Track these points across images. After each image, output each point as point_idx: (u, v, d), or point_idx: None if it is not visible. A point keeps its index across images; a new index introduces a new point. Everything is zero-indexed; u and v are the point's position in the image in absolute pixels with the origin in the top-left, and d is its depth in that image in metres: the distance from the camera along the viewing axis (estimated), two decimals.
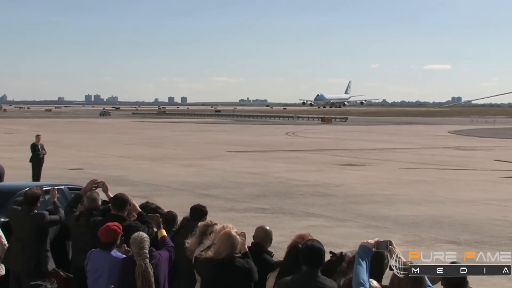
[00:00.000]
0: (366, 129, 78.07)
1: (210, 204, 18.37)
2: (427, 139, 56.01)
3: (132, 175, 26.35)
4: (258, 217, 16.63)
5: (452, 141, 54.10)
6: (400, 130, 77.31)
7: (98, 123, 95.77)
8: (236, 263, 6.10)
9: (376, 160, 34.35)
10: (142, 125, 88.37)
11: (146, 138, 54.69)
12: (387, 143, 49.37)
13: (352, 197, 20.75)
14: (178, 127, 79.51)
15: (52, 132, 60.16)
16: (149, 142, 48.27)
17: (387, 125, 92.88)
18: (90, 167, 29.33)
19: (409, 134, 65.98)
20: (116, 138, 54.00)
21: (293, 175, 26.96)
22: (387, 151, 41.14)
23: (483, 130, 78.03)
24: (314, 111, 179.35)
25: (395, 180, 25.69)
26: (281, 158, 35.22)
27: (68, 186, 10.69)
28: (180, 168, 29.81)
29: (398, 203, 19.62)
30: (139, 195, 18.33)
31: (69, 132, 65.22)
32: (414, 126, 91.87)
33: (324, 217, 17.03)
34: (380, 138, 58.04)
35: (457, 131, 74.40)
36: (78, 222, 7.95)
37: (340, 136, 60.88)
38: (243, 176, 26.34)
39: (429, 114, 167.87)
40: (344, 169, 29.98)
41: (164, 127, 79.34)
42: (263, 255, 6.56)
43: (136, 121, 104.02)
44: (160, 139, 53.25)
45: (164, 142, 49.33)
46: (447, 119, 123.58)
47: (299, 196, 20.89)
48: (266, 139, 55.21)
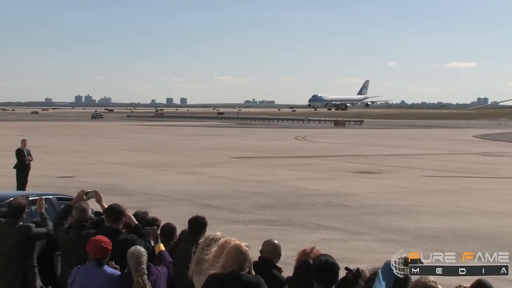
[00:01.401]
0: (383, 133, 77.99)
1: (212, 216, 18.45)
2: (450, 144, 55.92)
3: (127, 184, 26.36)
4: (265, 230, 16.61)
5: (478, 146, 53.99)
6: (421, 134, 77.20)
7: (90, 126, 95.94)
8: (243, 278, 6.08)
9: (394, 167, 34.29)
10: (138, 128, 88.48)
11: (142, 143, 54.75)
12: (406, 149, 49.28)
13: (368, 208, 20.70)
14: (177, 131, 79.59)
15: (39, 137, 60.30)
16: (145, 148, 48.32)
17: (406, 129, 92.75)
18: (81, 175, 29.36)
19: (430, 139, 65.86)
20: (109, 143, 54.07)
21: (303, 183, 26.93)
22: (406, 157, 41.06)
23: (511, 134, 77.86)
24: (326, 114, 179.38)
25: (415, 189, 25.64)
26: (290, 165, 35.20)
27: (56, 196, 10.69)
28: (179, 176, 29.82)
29: (419, 215, 19.57)
30: (135, 205, 18.32)
31: (57, 136, 65.35)
32: (435, 129, 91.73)
33: (337, 230, 17.00)
34: (398, 143, 57.95)
35: (483, 135, 74.25)
36: (68, 236, 7.92)
37: (355, 141, 60.80)
38: (249, 185, 26.33)
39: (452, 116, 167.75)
40: (359, 177, 29.93)
41: (162, 131, 79.42)
42: (272, 271, 6.54)
43: (131, 125, 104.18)
44: (158, 144, 53.30)
45: (162, 147, 49.38)
46: (472, 122, 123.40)
47: (310, 207, 20.85)
48: (274, 144, 55.20)
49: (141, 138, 62.33)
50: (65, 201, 9.92)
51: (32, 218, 8.84)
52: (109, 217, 7.78)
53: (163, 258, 7.07)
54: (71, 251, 7.80)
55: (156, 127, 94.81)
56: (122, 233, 7.64)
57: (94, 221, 8.09)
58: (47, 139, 58.01)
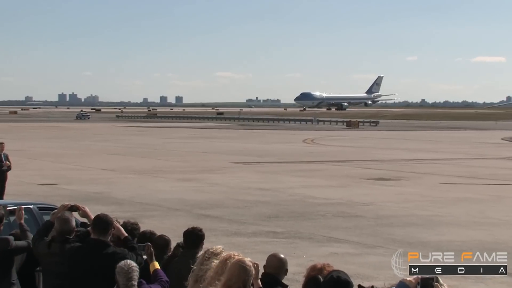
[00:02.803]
0: (401, 136, 77.96)
1: (210, 227, 18.43)
2: (476, 148, 55.85)
3: (116, 192, 26.38)
4: (269, 243, 16.60)
5: (507, 150, 53.91)
6: (443, 136, 77.14)
7: (75, 128, 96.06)
8: None
9: (413, 174, 34.27)
10: (128, 130, 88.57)
11: (133, 146, 54.79)
12: (426, 153, 49.24)
13: (384, 219, 20.69)
14: (172, 133, 79.64)
15: (18, 139, 60.31)
16: (136, 152, 48.34)
17: (427, 131, 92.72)
18: (65, 182, 29.39)
19: (453, 142, 65.81)
20: (96, 147, 54.12)
21: (312, 191, 26.93)
22: (427, 163, 41.04)
23: None
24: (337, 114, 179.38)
25: (436, 197, 25.61)
26: (297, 171, 35.20)
27: (38, 206, 10.68)
28: (174, 183, 29.84)
29: (441, 226, 19.55)
30: (125, 215, 18.27)
31: (39, 139, 65.44)
32: (460, 131, 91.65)
33: (350, 243, 16.99)
34: (418, 146, 57.90)
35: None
36: (50, 250, 7.91)
37: (370, 144, 60.78)
38: (252, 193, 26.33)
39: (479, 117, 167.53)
40: (374, 184, 29.93)
41: (155, 133, 79.49)
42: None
43: (120, 126, 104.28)
44: (150, 147, 53.34)
45: (155, 151, 49.40)
46: (500, 124, 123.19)
47: (320, 217, 20.84)
48: (279, 147, 55.21)
49: (131, 141, 62.37)
50: (47, 211, 9.91)
51: (11, 230, 8.84)
52: (95, 228, 7.76)
53: (158, 277, 7.07)
54: (54, 266, 7.80)
55: (148, 128, 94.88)
56: (110, 246, 7.62)
57: (79, 233, 8.08)
58: (27, 142, 58.07)
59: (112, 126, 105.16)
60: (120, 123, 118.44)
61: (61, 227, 7.98)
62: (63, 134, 75.94)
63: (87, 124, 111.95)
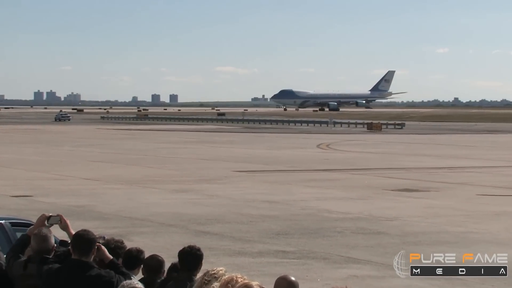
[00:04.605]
0: (430, 140, 77.88)
1: (210, 246, 18.41)
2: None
3: (101, 205, 26.40)
4: (278, 264, 16.62)
5: None
6: (479, 141, 77.06)
7: (53, 131, 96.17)
8: None
9: (444, 184, 34.24)
10: (115, 134, 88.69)
11: (120, 152, 54.86)
12: (460, 160, 49.19)
13: (411, 236, 20.68)
14: (166, 137, 79.72)
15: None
16: (124, 158, 48.40)
17: (460, 134, 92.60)
18: (41, 194, 29.43)
19: (491, 147, 65.74)
20: (78, 153, 54.18)
21: (328, 204, 26.94)
22: (460, 171, 41.01)
23: None
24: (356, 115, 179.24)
25: (471, 211, 25.59)
26: (310, 181, 35.22)
27: (10, 221, 10.71)
28: (168, 194, 29.87)
29: (477, 244, 19.47)
30: (111, 232, 18.30)
31: (11, 144, 65.54)
32: (498, 135, 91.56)
33: (372, 264, 16.98)
34: (450, 152, 57.87)
35: None
36: (26, 271, 7.93)
37: (394, 150, 60.79)
38: (257, 206, 26.35)
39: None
40: (399, 196, 29.92)
41: (146, 137, 79.54)
42: None
43: (106, 129, 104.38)
44: (140, 153, 53.40)
45: (146, 158, 49.45)
46: None
47: (336, 234, 20.85)
48: (290, 153, 55.26)
49: (119, 146, 62.43)
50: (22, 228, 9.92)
51: None
52: (76, 247, 7.75)
53: None
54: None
55: (138, 132, 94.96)
56: (93, 268, 7.61)
57: (59, 253, 8.09)
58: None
59: (96, 129, 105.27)
60: (106, 126, 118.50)
61: (39, 246, 7.98)
62: (40, 139, 75.99)
63: (67, 127, 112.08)
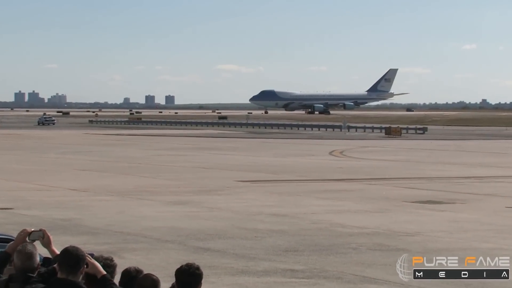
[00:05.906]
0: (456, 146, 77.83)
1: (211, 264, 18.42)
2: None
3: (88, 219, 26.43)
4: (286, 284, 16.63)
5: None
6: (510, 147, 76.97)
7: (36, 136, 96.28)
8: None
9: (470, 195, 34.22)
10: (105, 140, 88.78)
11: (111, 160, 54.97)
12: (488, 168, 49.17)
13: (434, 253, 20.57)
14: (161, 143, 79.74)
15: None
16: (115, 167, 48.48)
17: (488, 140, 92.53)
18: (23, 206, 29.46)
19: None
20: (63, 161, 54.28)
21: (341, 218, 26.95)
22: (489, 181, 40.99)
23: None
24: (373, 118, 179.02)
25: (501, 226, 25.56)
26: (322, 192, 35.23)
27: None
28: (163, 207, 29.90)
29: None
30: (100, 249, 18.37)
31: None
32: None
33: (390, 284, 16.92)
34: (477, 159, 57.85)
35: None
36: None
37: (415, 157, 60.77)
38: (263, 220, 26.37)
39: None
40: (421, 208, 29.90)
41: (140, 143, 79.62)
42: None
43: (95, 134, 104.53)
44: (133, 161, 53.42)
45: (139, 166, 49.50)
46: None
47: (351, 251, 20.85)
48: (299, 161, 55.31)
49: (109, 154, 62.52)
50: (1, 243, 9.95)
51: None
52: (63, 264, 7.76)
53: None
54: None
55: (130, 137, 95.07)
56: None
57: (42, 272, 8.10)
58: None
59: (84, 134, 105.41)
60: (94, 130, 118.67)
61: (23, 264, 7.97)
62: (21, 145, 76.13)
63: (52, 132, 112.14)
